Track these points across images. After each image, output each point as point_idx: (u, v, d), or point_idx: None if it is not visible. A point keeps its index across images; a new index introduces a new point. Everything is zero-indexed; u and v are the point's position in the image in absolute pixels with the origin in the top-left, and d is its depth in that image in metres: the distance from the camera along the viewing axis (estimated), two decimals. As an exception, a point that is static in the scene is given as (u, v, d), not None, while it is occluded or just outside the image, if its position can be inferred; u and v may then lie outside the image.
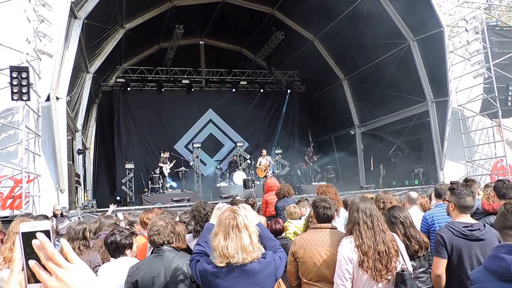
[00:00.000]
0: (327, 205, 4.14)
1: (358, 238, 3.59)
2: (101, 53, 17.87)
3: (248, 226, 2.92)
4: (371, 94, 19.96)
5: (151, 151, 21.94)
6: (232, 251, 2.85)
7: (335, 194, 6.43)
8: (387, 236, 3.64)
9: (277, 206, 8.52)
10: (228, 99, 24.02)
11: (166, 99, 22.77)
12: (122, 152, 21.59)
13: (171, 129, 23.01)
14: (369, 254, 3.51)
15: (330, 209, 4.13)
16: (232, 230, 2.88)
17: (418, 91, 17.44)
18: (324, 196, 4.34)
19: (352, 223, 3.71)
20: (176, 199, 15.53)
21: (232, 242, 2.86)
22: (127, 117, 22.00)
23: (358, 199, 3.83)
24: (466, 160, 16.66)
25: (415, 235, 4.38)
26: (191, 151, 22.29)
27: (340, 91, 22.57)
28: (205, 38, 24.73)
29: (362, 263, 3.50)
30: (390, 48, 18.12)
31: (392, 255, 3.56)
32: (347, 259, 3.58)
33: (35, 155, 12.49)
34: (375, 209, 3.75)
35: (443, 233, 3.88)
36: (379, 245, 3.54)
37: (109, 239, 4.17)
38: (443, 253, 3.81)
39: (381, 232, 3.62)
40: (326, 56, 22.21)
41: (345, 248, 3.62)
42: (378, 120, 20.71)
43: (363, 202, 3.76)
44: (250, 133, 24.13)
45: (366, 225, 3.63)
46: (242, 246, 2.86)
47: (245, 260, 2.86)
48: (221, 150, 23.80)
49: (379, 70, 19.15)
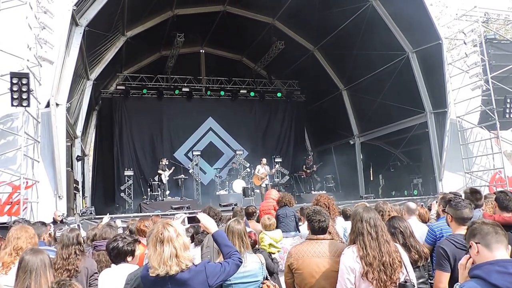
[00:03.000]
0: (321, 218, 4.08)
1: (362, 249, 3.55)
2: (101, 60, 17.87)
3: (173, 239, 3.10)
4: (371, 105, 19.95)
5: (150, 158, 21.87)
6: (156, 264, 3.08)
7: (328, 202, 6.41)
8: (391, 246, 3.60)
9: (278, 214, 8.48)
10: (228, 108, 23.98)
11: (166, 107, 22.75)
12: (122, 159, 21.49)
13: (171, 137, 22.94)
14: (374, 265, 3.47)
15: (324, 221, 4.08)
16: (157, 243, 3.09)
17: (417, 102, 17.43)
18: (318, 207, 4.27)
19: (355, 233, 3.66)
20: (176, 207, 15.45)
21: (156, 255, 3.09)
22: (127, 124, 21.95)
23: (361, 208, 3.77)
24: (465, 171, 16.64)
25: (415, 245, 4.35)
26: (190, 159, 22.26)
27: (339, 101, 22.57)
28: (205, 47, 24.77)
29: (367, 274, 3.47)
30: (389, 59, 18.14)
31: (396, 266, 3.53)
32: (349, 269, 3.54)
33: (34, 161, 12.44)
34: (379, 219, 3.71)
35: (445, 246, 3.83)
36: (384, 256, 3.50)
37: (111, 245, 4.20)
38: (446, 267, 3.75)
39: (386, 243, 3.58)
40: (326, 66, 22.24)
41: (347, 258, 3.59)
42: (377, 130, 20.69)
43: (366, 211, 3.71)
44: (250, 141, 24.06)
45: (370, 235, 3.58)
46: (163, 259, 3.06)
47: (169, 272, 3.06)
48: (221, 158, 23.72)
49: (378, 80, 19.16)
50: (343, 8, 17.78)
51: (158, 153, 21.65)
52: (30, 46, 12.08)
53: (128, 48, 19.47)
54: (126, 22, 17.74)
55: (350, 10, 17.89)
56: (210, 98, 23.82)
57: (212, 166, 23.06)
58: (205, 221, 3.69)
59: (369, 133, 21.57)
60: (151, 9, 18.65)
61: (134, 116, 22.12)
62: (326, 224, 4.08)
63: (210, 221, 3.69)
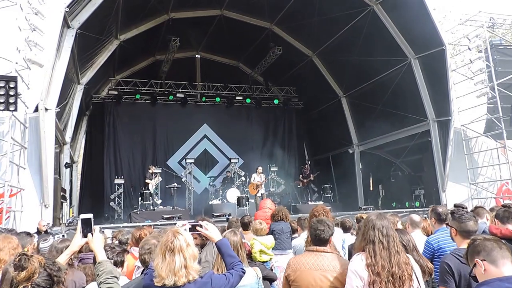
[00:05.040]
0: (323, 228, 4.01)
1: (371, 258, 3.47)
2: (93, 64, 17.77)
3: (184, 250, 3.12)
4: (371, 112, 19.87)
5: (142, 166, 21.66)
6: (165, 274, 3.08)
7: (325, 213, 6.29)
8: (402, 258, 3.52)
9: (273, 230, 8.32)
10: (223, 114, 23.95)
11: (160, 113, 22.68)
12: (112, 166, 21.38)
13: (164, 144, 22.87)
14: (382, 276, 3.41)
15: (323, 231, 4.01)
16: (167, 252, 3.11)
17: (419, 110, 17.36)
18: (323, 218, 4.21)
19: (366, 241, 3.58)
20: (167, 217, 15.37)
21: (165, 265, 3.09)
22: (118, 130, 21.84)
23: (374, 216, 3.70)
24: (470, 182, 16.48)
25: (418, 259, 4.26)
26: (184, 167, 22.18)
27: (338, 108, 22.52)
28: (201, 52, 24.74)
29: (373, 284, 3.41)
30: (390, 65, 18.10)
31: (405, 278, 3.46)
32: (357, 276, 3.49)
33: (20, 168, 12.27)
34: (391, 229, 3.64)
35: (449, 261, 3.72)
36: (394, 267, 3.44)
37: None
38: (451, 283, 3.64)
39: (396, 254, 3.51)
40: (325, 72, 22.21)
41: (356, 265, 3.53)
42: (377, 139, 20.59)
43: (380, 219, 3.64)
44: (245, 149, 24.00)
45: (382, 244, 3.50)
46: (173, 269, 3.07)
47: (177, 283, 3.08)
48: (215, 166, 23.66)
49: (379, 87, 19.12)
50: (343, 13, 17.71)
51: (150, 161, 21.57)
52: (19, 49, 11.93)
53: (121, 52, 19.40)
54: (119, 25, 17.67)
55: (350, 15, 17.84)
56: (205, 105, 23.77)
57: (206, 174, 22.99)
58: (208, 229, 3.67)
59: (369, 142, 21.49)
60: (146, 12, 18.57)
61: (126, 122, 22.04)
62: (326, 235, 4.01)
63: (214, 229, 3.70)
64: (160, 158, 22.21)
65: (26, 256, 2.88)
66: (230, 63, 25.76)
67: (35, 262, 2.80)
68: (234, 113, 24.28)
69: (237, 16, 21.03)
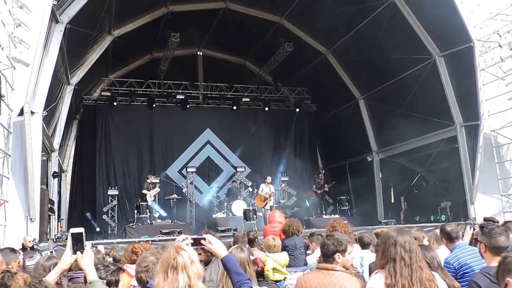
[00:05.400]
0: (327, 242, 4.03)
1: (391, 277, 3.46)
2: (85, 63, 17.89)
3: (188, 267, 3.07)
4: (391, 116, 19.83)
5: (138, 176, 21.78)
6: None
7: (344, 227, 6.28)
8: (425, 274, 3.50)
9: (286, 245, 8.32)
10: (228, 118, 24.01)
11: (158, 116, 22.76)
12: (105, 176, 21.44)
13: (163, 151, 22.94)
14: None
15: (328, 246, 4.02)
16: (170, 270, 3.05)
17: (445, 113, 17.31)
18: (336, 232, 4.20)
19: (386, 259, 3.56)
20: (166, 232, 15.39)
21: (168, 284, 3.03)
22: (112, 135, 21.90)
23: (394, 231, 3.67)
24: (501, 194, 16.36)
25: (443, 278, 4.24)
26: (185, 176, 22.19)
27: (356, 111, 22.51)
28: (203, 49, 24.84)
29: None
30: (413, 64, 18.08)
31: None
32: None
33: (3, 178, 12.32)
34: (414, 244, 3.61)
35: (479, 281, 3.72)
36: (415, 285, 3.42)
37: None
38: (481, 304, 3.65)
39: (419, 269, 3.49)
40: (341, 71, 22.20)
41: (375, 283, 3.53)
42: (399, 145, 20.54)
43: (401, 234, 3.61)
44: (253, 157, 24.02)
45: (403, 261, 3.49)
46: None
47: None
48: (219, 176, 23.68)
49: (400, 88, 19.09)
50: (360, 5, 17.73)
51: (148, 169, 21.61)
52: (2, 46, 12.02)
53: (115, 49, 19.51)
54: (113, 20, 17.76)
55: (368, 9, 17.86)
56: (208, 107, 23.86)
57: (209, 185, 23.03)
58: (213, 243, 3.62)
59: (389, 149, 21.46)
60: (143, 5, 18.67)
61: (121, 127, 22.12)
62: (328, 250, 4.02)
63: (219, 244, 3.64)
64: (158, 167, 22.25)
65: (10, 274, 2.90)
66: (236, 61, 25.83)
67: (20, 280, 2.82)
68: (240, 117, 24.34)
69: (243, 9, 21.09)
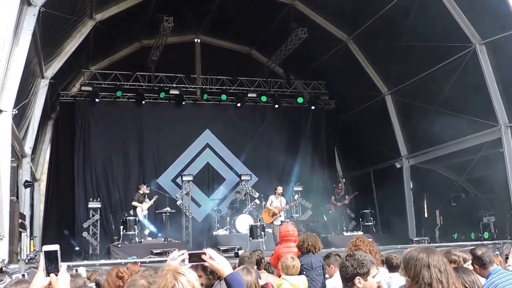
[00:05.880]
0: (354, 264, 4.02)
1: None
2: (62, 52, 17.93)
3: None
4: (424, 115, 19.82)
5: (125, 185, 21.85)
6: None
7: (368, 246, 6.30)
8: None
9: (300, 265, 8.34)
10: (231, 117, 24.10)
11: (148, 115, 22.83)
12: (85, 185, 21.37)
13: (154, 156, 22.97)
14: None
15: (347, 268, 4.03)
16: None
17: (488, 112, 17.29)
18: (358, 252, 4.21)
19: (419, 284, 3.57)
20: (157, 252, 15.36)
21: None
22: (93, 138, 21.86)
23: (423, 252, 3.68)
24: (556, 208, 16.41)
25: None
26: (180, 186, 22.18)
27: (382, 109, 22.52)
28: (202, 35, 24.93)
29: None
30: (449, 53, 18.06)
31: None
32: None
33: (-33, 188, 12.40)
34: (447, 263, 3.65)
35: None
36: None
37: None
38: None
39: None
40: (364, 62, 22.18)
41: None
42: (433, 149, 20.53)
43: (431, 254, 3.63)
44: (260, 163, 24.08)
45: (441, 284, 3.50)
46: None
47: None
48: (221, 186, 23.68)
49: (434, 82, 19.11)
50: (387, -16, 17.81)
51: (136, 178, 21.71)
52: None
53: (97, 36, 19.58)
54: (95, 2, 17.81)
55: (396, -12, 17.92)
56: (208, 104, 23.94)
57: (208, 196, 23.02)
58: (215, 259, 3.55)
59: (422, 153, 21.44)
60: (130, -17, 18.79)
61: (104, 128, 22.16)
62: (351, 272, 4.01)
63: (222, 260, 3.56)
64: (148, 175, 22.29)
65: None
66: (240, 49, 25.94)
67: None
68: (245, 115, 24.42)
69: (249, -11, 21.12)
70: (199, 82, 24.14)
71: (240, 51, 25.95)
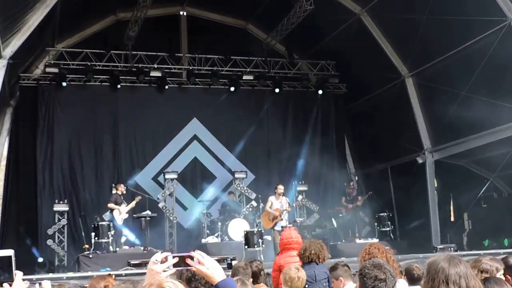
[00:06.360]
0: (382, 276, 4.03)
1: None
2: (23, 28, 17.87)
3: None
4: (451, 101, 19.81)
5: (97, 184, 21.90)
6: None
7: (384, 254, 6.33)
8: None
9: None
10: (223, 104, 24.10)
11: (124, 101, 22.88)
12: (50, 185, 21.34)
13: (131, 150, 22.99)
14: None
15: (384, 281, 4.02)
16: None
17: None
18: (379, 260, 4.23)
19: None
20: (135, 263, 15.40)
21: None
22: (59, 128, 21.80)
23: (445, 262, 3.71)
24: None
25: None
26: (162, 185, 22.22)
27: (401, 94, 22.52)
28: (188, 7, 24.84)
29: None
30: (480, 29, 18.00)
31: None
32: None
33: None
34: (472, 277, 3.67)
35: None
36: None
37: None
38: None
39: None
40: (381, 39, 22.13)
41: None
42: (461, 141, 20.50)
43: (453, 265, 3.67)
44: (258, 158, 24.21)
45: None
46: None
47: None
48: (210, 185, 23.65)
49: (463, 63, 19.07)
50: None
51: (110, 176, 21.78)
52: None
53: (65, 9, 19.51)
54: (63, -33, 17.83)
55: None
56: (195, 88, 23.96)
57: (196, 197, 23.03)
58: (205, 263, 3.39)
59: (448, 147, 21.42)
60: None
61: (72, 116, 22.14)
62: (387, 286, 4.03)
63: (213, 264, 3.40)
64: (124, 172, 22.31)
65: None
66: (234, 24, 25.90)
67: None
68: (240, 102, 24.49)
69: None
70: (185, 63, 24.14)
71: (234, 26, 25.88)
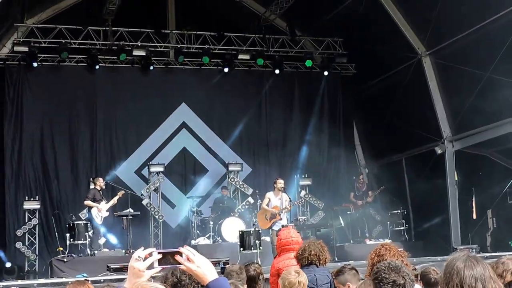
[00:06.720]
0: (401, 280, 4.05)
1: None
2: (-15, 1, 17.96)
3: None
4: (473, 83, 19.81)
5: (73, 178, 21.89)
6: None
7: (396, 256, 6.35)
8: None
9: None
10: (216, 86, 24.14)
11: (103, 84, 22.95)
12: (19, 179, 21.34)
13: (111, 139, 22.99)
14: None
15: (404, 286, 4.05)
16: None
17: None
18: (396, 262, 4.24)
19: None
20: (116, 267, 15.44)
21: None
22: (29, 114, 21.83)
23: (462, 262, 3.70)
24: None
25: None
26: (146, 180, 22.30)
27: (417, 75, 22.52)
28: (176, -23, 24.86)
29: None
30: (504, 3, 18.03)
31: None
32: None
33: None
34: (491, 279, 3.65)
35: None
36: None
37: None
38: None
39: None
40: (394, 12, 22.09)
41: None
42: (485, 129, 20.52)
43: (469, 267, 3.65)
44: (255, 148, 24.23)
45: None
46: None
47: None
48: (201, 179, 23.75)
49: (485, 41, 19.11)
50: None
51: (87, 169, 21.79)
52: None
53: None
54: None
55: None
56: (184, 69, 23.99)
57: (185, 193, 23.09)
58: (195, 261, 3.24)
59: (470, 135, 21.46)
60: None
61: (44, 100, 22.24)
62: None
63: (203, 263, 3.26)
64: (103, 165, 22.36)
65: None
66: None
67: None
68: (235, 84, 24.55)
69: None
70: (172, 40, 24.11)
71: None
